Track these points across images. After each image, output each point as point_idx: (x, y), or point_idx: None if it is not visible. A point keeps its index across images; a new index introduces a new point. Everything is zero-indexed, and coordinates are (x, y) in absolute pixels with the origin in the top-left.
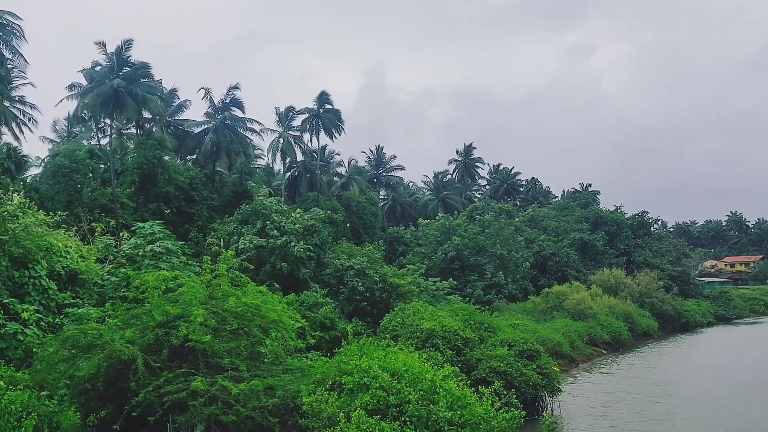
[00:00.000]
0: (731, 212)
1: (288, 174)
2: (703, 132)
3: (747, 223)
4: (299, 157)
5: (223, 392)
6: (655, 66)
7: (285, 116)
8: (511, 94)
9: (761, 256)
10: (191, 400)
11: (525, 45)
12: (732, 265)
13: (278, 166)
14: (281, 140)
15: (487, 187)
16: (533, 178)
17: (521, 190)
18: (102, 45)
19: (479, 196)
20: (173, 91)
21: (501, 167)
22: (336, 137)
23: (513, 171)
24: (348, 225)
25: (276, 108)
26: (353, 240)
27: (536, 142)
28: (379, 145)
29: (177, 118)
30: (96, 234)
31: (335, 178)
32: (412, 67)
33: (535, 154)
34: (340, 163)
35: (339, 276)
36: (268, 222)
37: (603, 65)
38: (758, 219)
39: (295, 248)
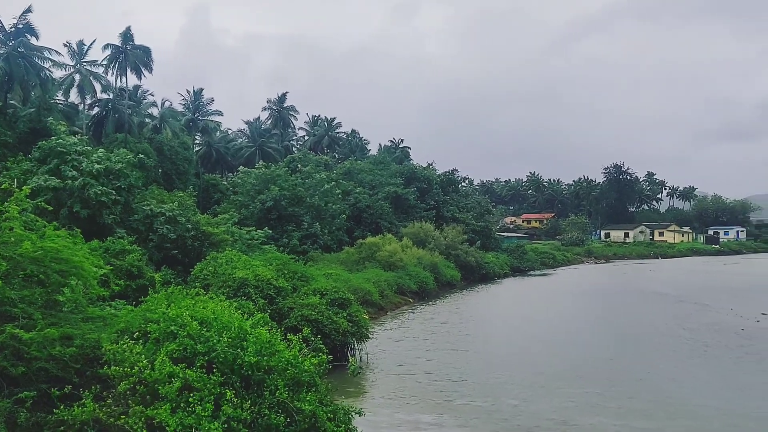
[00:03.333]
0: (530, 173)
1: (94, 113)
2: (512, 97)
3: (544, 183)
4: (103, 95)
5: (12, 341)
6: (476, 32)
7: (79, 50)
8: (338, 46)
9: (553, 214)
10: None
11: None
12: (528, 222)
13: (78, 101)
14: (77, 76)
15: (307, 137)
16: (353, 130)
17: (342, 142)
18: None
19: (299, 146)
20: None
21: (320, 117)
22: (144, 76)
23: (335, 122)
24: (160, 170)
25: (67, 42)
26: (165, 186)
27: (361, 96)
28: (196, 88)
29: None
30: None
31: (147, 120)
32: (239, 11)
33: (359, 107)
34: (153, 104)
35: (148, 222)
36: (66, 162)
37: (427, 26)
38: (551, 180)
39: (92, 191)
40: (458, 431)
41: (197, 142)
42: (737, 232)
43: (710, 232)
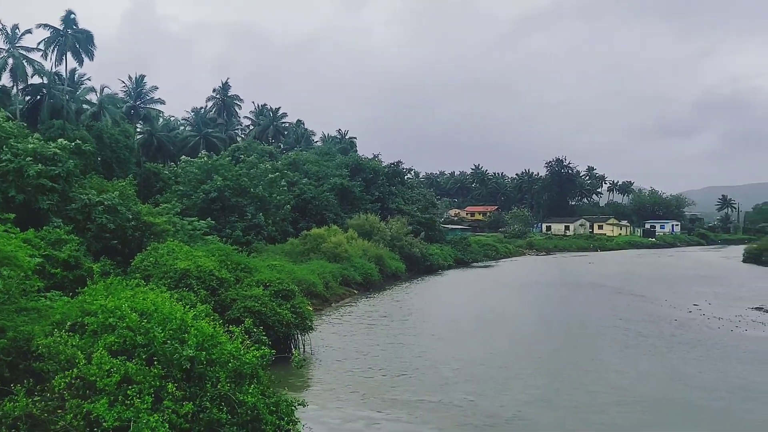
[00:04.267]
0: (475, 166)
1: (28, 99)
2: (459, 91)
3: (488, 177)
4: (37, 79)
5: None
6: (424, 25)
7: (13, 34)
8: (285, 36)
9: (496, 207)
10: None
11: None
12: (472, 214)
13: (10, 85)
14: (10, 60)
15: (252, 127)
16: (299, 120)
17: (287, 132)
18: None
19: (243, 135)
20: None
21: (266, 107)
22: (85, 62)
23: (280, 112)
24: (99, 158)
25: (1, 25)
26: (105, 175)
27: (307, 86)
28: (137, 74)
29: None
30: None
31: (85, 107)
32: None
33: (306, 97)
34: (91, 90)
35: (87, 212)
36: (4, 146)
37: (376, 19)
38: (495, 173)
39: (32, 170)
40: (420, 428)
41: (139, 130)
42: (672, 225)
43: (647, 226)
